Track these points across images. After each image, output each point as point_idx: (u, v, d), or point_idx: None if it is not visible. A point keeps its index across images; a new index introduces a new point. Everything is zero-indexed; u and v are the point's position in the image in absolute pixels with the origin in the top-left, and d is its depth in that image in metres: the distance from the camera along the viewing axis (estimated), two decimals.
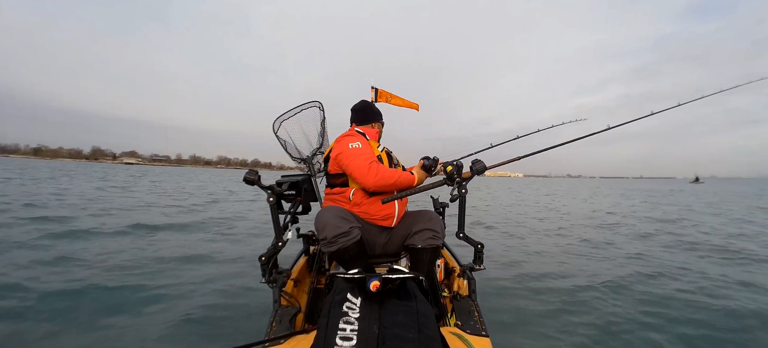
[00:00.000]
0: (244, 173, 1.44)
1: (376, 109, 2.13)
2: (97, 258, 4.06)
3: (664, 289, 3.29)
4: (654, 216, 9.51)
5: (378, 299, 1.21)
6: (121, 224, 6.17)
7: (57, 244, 4.60)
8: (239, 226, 6.82)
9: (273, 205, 1.60)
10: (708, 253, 4.94)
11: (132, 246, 4.73)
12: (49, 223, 5.93)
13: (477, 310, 1.50)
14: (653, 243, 5.67)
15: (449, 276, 2.03)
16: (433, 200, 2.27)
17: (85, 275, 3.46)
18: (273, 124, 2.62)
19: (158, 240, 5.22)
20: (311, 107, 2.68)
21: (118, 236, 5.31)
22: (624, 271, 3.94)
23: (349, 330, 1.06)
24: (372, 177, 1.64)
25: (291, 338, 1.19)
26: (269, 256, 1.54)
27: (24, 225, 5.67)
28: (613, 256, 4.65)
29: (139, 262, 4.01)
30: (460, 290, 1.73)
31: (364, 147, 1.73)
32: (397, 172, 1.70)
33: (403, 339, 1.04)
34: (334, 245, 1.50)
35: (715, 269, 4.02)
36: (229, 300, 3.07)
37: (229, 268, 4.02)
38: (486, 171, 1.59)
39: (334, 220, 1.52)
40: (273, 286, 1.54)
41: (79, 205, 8.57)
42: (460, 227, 1.67)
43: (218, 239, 5.54)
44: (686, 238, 6.01)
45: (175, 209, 8.91)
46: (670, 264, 4.23)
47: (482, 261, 1.69)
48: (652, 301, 2.98)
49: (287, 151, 2.68)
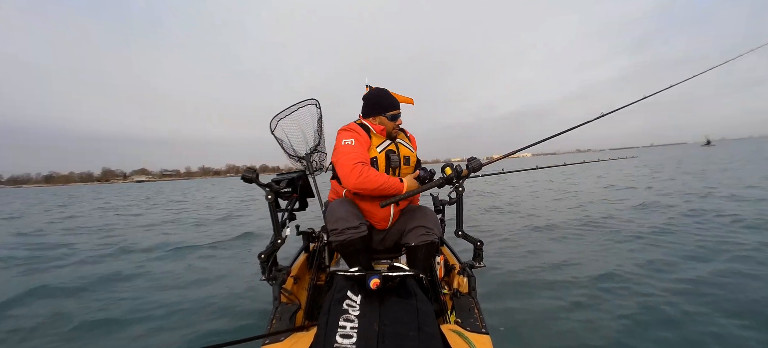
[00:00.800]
0: (243, 172, 1.45)
1: (384, 100, 1.86)
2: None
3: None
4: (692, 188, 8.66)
5: (378, 297, 1.21)
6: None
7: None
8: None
9: (271, 203, 1.61)
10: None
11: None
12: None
13: (477, 308, 1.50)
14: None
15: (449, 273, 2.03)
16: (433, 198, 2.29)
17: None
18: (270, 123, 2.61)
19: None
20: (308, 105, 2.68)
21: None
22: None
23: (349, 327, 1.06)
24: (353, 179, 1.59)
25: (291, 335, 1.19)
26: (269, 254, 1.55)
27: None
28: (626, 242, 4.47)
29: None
30: (460, 287, 1.73)
31: (355, 145, 1.67)
32: (383, 178, 1.63)
33: (403, 336, 1.04)
34: (342, 235, 1.58)
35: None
36: (228, 297, 3.08)
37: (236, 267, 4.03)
38: (482, 168, 1.66)
39: (346, 214, 1.60)
40: (273, 284, 1.54)
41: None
42: (459, 225, 1.69)
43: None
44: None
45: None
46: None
47: (482, 258, 1.71)
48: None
49: (284, 150, 2.68)
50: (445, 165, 1.68)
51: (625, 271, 3.24)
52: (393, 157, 1.79)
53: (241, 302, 2.96)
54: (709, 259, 3.46)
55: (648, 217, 5.63)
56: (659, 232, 4.58)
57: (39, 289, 3.32)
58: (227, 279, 3.55)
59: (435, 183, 1.74)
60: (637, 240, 4.31)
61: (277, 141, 2.67)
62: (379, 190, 1.62)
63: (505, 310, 2.64)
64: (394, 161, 1.78)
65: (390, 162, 1.77)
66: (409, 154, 1.89)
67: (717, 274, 3.06)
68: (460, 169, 1.65)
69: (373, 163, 1.72)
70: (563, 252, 4.04)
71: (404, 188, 1.67)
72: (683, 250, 3.75)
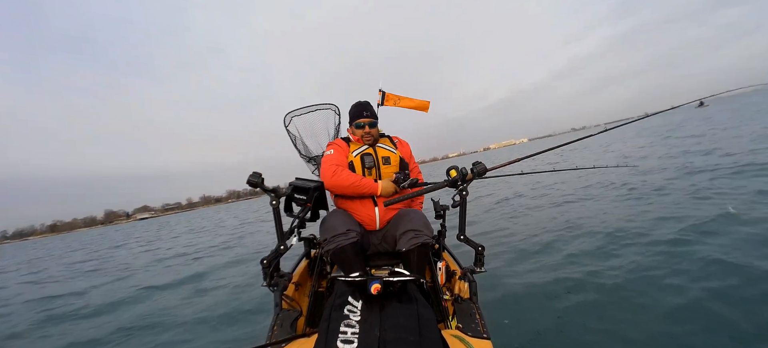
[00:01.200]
0: (248, 176, 1.46)
1: (351, 112, 2.08)
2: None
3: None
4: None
5: (379, 302, 1.21)
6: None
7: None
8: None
9: (276, 208, 1.60)
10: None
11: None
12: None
13: (478, 313, 1.50)
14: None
15: (450, 279, 2.03)
16: (434, 203, 2.29)
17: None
18: (284, 118, 2.62)
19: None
20: (327, 110, 2.69)
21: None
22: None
23: (350, 333, 1.06)
24: (328, 178, 1.84)
25: (292, 342, 1.19)
26: (271, 260, 1.54)
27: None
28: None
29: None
30: (461, 293, 1.73)
31: (334, 154, 1.93)
32: (355, 177, 1.85)
33: (405, 342, 1.04)
34: (332, 243, 1.64)
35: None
36: (231, 303, 3.08)
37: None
38: (487, 173, 1.65)
39: (336, 223, 1.68)
40: (274, 290, 1.54)
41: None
42: (461, 230, 1.68)
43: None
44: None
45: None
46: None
47: (483, 263, 1.70)
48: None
49: (296, 147, 2.69)
50: (450, 167, 1.67)
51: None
52: (367, 159, 1.98)
53: (242, 307, 2.96)
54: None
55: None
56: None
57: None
58: (229, 282, 3.54)
59: (438, 185, 1.73)
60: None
61: (290, 136, 2.67)
62: (352, 187, 1.83)
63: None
64: (368, 162, 1.97)
65: (364, 163, 1.96)
66: (389, 155, 2.04)
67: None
68: (464, 172, 1.64)
69: (350, 166, 1.94)
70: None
71: (378, 188, 1.86)
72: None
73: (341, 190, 1.86)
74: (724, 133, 11.80)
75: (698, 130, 15.06)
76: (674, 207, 4.79)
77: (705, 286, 2.70)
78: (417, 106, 2.98)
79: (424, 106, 3.00)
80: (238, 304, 3.36)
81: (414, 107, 2.97)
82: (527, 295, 3.07)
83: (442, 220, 2.34)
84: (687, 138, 12.66)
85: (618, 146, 16.06)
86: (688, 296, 2.64)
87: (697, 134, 13.35)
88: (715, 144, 9.45)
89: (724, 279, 2.73)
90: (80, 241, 25.47)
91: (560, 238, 4.44)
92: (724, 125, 14.80)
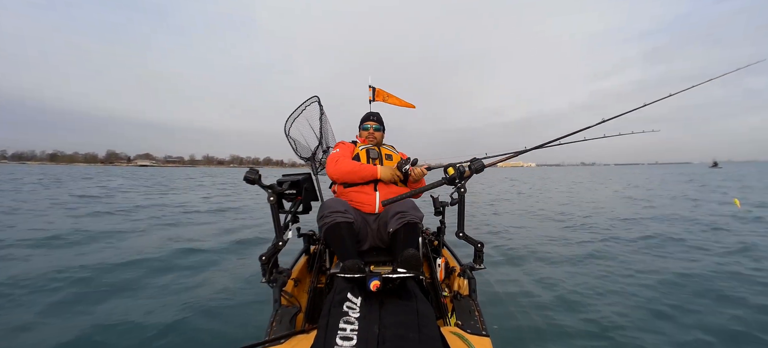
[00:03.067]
0: (245, 172, 1.45)
1: (363, 116, 2.34)
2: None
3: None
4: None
5: (378, 299, 1.21)
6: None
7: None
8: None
9: (273, 205, 1.60)
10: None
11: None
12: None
13: (477, 310, 1.50)
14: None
15: (449, 275, 2.03)
16: (433, 200, 2.29)
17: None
18: (284, 126, 2.63)
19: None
20: (312, 103, 2.71)
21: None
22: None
23: (349, 330, 1.06)
24: (331, 167, 2.03)
25: (291, 338, 1.19)
26: (269, 256, 1.54)
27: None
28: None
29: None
30: (460, 290, 1.73)
31: (339, 152, 2.12)
32: (356, 164, 2.02)
33: (404, 338, 1.04)
34: (327, 218, 1.70)
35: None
36: (229, 299, 3.08)
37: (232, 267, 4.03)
38: (484, 169, 1.67)
39: (333, 204, 1.77)
40: (273, 286, 1.54)
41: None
42: (460, 227, 1.68)
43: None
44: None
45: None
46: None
47: (482, 260, 1.70)
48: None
49: (297, 153, 2.70)
50: (448, 165, 1.68)
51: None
52: (372, 153, 2.17)
53: (240, 303, 2.97)
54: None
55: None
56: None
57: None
58: (229, 279, 3.54)
59: (437, 183, 1.73)
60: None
61: (291, 144, 2.68)
62: (353, 172, 2.00)
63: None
64: (373, 155, 2.17)
65: (370, 155, 2.16)
66: (391, 154, 2.25)
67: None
68: (462, 170, 1.65)
69: (356, 158, 2.12)
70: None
71: (378, 171, 2.01)
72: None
73: (343, 175, 2.01)
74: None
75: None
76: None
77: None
78: (404, 105, 3.12)
79: (410, 106, 3.13)
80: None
81: (402, 105, 3.09)
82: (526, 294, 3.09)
83: (441, 216, 2.34)
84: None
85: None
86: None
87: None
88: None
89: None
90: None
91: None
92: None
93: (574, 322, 2.60)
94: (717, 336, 2.36)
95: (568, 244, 4.97)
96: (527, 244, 4.97)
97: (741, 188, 14.42)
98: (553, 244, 4.99)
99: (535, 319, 2.67)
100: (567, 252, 4.51)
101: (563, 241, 5.23)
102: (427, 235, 2.33)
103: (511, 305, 2.90)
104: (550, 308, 2.85)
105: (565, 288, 3.24)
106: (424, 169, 2.10)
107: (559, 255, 4.39)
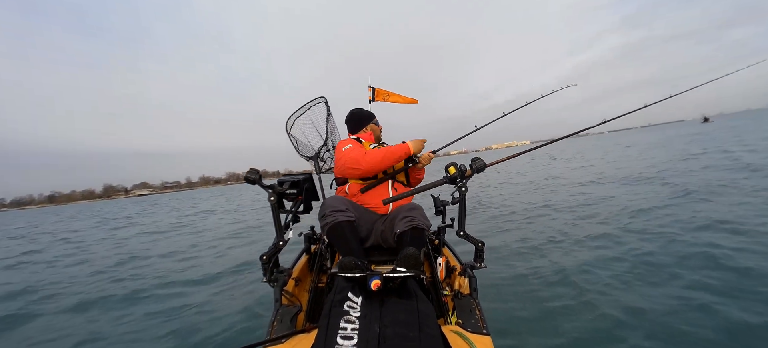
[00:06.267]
0: (246, 173, 1.46)
1: (364, 113, 2.29)
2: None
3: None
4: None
5: (379, 298, 1.21)
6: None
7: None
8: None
9: (274, 205, 1.61)
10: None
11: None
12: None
13: (478, 309, 1.50)
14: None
15: (450, 274, 2.03)
16: (434, 199, 2.29)
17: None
18: (286, 124, 2.63)
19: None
20: (318, 103, 2.72)
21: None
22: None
23: (350, 329, 1.06)
24: (358, 161, 1.90)
25: (292, 337, 1.19)
26: (270, 256, 1.54)
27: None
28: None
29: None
30: (461, 288, 1.73)
31: (355, 146, 2.01)
32: (386, 149, 1.95)
33: (404, 337, 1.04)
34: (329, 217, 1.67)
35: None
36: (229, 300, 3.09)
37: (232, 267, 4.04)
38: (486, 167, 1.67)
39: (335, 203, 1.75)
40: (274, 286, 1.54)
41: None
42: (461, 225, 1.68)
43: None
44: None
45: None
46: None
47: (483, 259, 1.70)
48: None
49: (298, 152, 2.71)
50: (449, 164, 1.68)
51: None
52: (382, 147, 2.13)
53: (241, 303, 2.97)
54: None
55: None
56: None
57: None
58: (229, 278, 3.55)
59: (438, 182, 1.73)
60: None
61: (292, 142, 2.68)
62: (386, 157, 1.92)
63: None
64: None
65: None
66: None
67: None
68: (463, 169, 1.65)
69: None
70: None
71: (410, 148, 1.99)
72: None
73: (378, 163, 1.91)
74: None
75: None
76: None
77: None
78: (407, 101, 3.12)
79: (413, 101, 3.13)
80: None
81: (404, 102, 3.09)
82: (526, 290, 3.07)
83: (442, 215, 2.34)
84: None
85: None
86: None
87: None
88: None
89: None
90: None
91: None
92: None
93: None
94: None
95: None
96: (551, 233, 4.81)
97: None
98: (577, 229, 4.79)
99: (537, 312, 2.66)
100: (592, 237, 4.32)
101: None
102: (428, 234, 2.33)
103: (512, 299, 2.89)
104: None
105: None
106: (430, 154, 2.15)
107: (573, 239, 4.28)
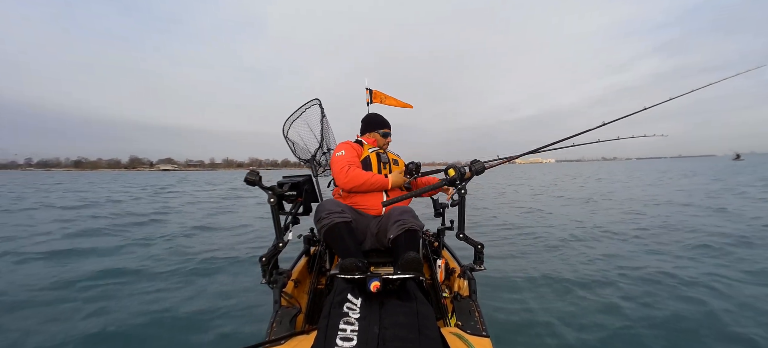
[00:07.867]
0: (246, 174, 1.46)
1: (378, 119, 2.31)
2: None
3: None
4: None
5: (378, 300, 1.21)
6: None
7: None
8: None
9: (274, 206, 1.60)
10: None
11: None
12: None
13: (477, 311, 1.50)
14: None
15: (449, 276, 2.03)
16: (434, 201, 2.29)
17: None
18: (283, 127, 2.63)
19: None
20: (313, 106, 2.71)
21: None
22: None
23: (349, 330, 1.06)
24: (342, 177, 1.94)
25: (291, 339, 1.19)
26: (270, 257, 1.54)
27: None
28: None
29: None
30: (460, 290, 1.73)
31: (346, 154, 2.02)
32: (368, 174, 1.97)
33: (404, 339, 1.04)
34: (325, 220, 1.69)
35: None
36: (229, 300, 3.08)
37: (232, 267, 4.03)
38: (484, 170, 1.68)
39: (330, 205, 1.77)
40: (273, 287, 1.54)
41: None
42: (461, 228, 1.68)
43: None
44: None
45: None
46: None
47: (482, 261, 1.70)
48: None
49: (296, 155, 2.71)
50: (449, 167, 1.68)
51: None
52: (382, 156, 2.16)
53: (241, 305, 2.96)
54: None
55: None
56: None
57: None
58: (229, 278, 3.54)
59: (437, 184, 1.74)
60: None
61: (290, 145, 2.68)
62: (366, 184, 1.95)
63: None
64: (383, 158, 2.14)
65: (380, 159, 2.12)
66: (397, 159, 2.27)
67: None
68: (463, 171, 1.65)
69: (367, 161, 2.07)
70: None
71: (389, 181, 2.01)
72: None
73: (356, 187, 1.96)
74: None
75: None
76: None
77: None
78: (402, 105, 3.14)
79: (408, 106, 3.17)
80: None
81: (399, 106, 3.12)
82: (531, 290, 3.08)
83: (442, 218, 2.34)
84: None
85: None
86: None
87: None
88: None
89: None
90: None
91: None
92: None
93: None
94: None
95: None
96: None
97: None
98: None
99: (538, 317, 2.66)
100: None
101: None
102: (428, 236, 2.33)
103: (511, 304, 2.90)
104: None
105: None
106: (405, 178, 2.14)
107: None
